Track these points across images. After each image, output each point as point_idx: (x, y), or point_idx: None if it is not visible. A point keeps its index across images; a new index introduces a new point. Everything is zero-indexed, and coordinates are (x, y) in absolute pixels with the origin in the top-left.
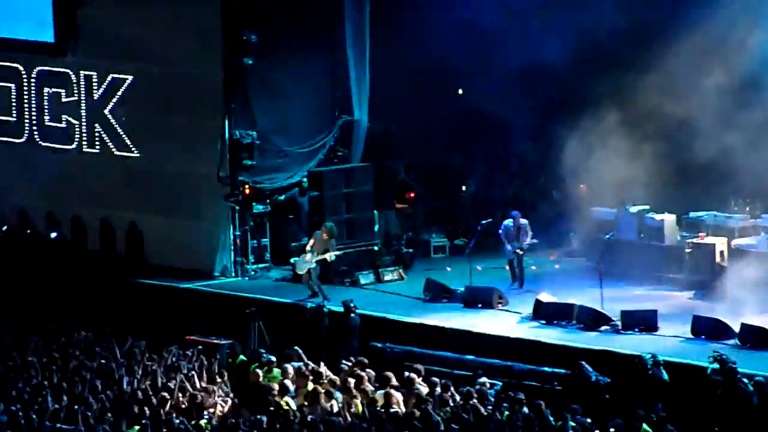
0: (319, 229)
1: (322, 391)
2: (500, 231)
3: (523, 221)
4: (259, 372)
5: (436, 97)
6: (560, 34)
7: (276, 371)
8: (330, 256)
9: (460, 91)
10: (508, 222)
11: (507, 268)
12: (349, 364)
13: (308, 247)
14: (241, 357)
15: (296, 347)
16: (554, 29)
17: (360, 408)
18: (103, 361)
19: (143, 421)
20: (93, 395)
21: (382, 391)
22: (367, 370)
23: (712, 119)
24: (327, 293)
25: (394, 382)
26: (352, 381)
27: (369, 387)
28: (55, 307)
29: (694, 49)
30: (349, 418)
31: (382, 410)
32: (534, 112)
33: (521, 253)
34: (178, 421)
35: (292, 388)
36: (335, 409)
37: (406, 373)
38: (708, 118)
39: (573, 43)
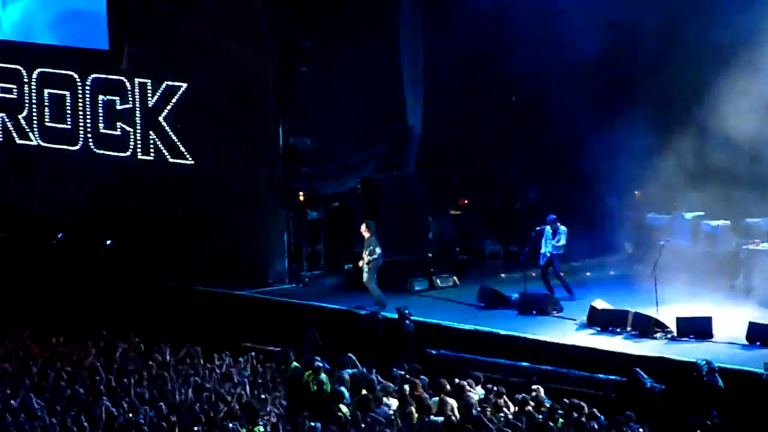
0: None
1: (376, 398)
2: (532, 234)
3: (562, 227)
4: (313, 379)
5: (490, 103)
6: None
7: (331, 378)
8: (361, 262)
9: (514, 98)
10: (547, 225)
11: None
12: (402, 372)
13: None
14: (295, 364)
15: (350, 354)
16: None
17: (414, 415)
18: (156, 368)
19: (195, 429)
20: (147, 402)
21: (436, 398)
22: (421, 377)
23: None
24: (385, 301)
25: (449, 388)
26: (406, 388)
27: (423, 394)
28: (109, 313)
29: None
30: (403, 426)
31: (437, 417)
32: (588, 116)
33: (549, 256)
34: (231, 425)
35: (346, 394)
36: (388, 416)
37: (457, 380)
38: (765, 122)
39: (627, 44)
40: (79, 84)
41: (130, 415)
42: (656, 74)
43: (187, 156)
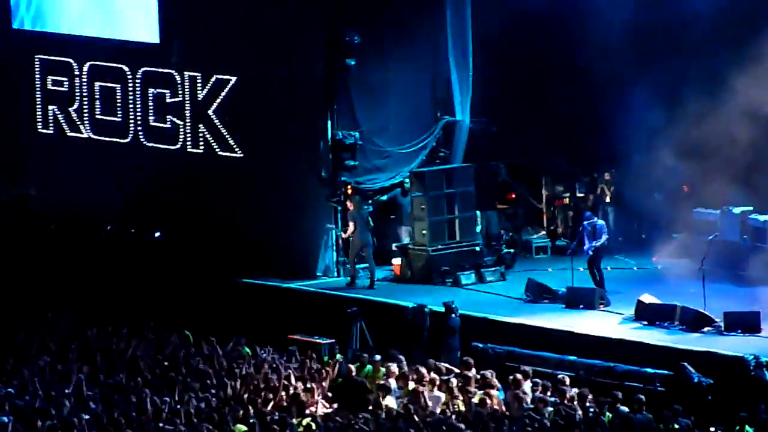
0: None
1: (425, 391)
2: (579, 229)
3: (600, 222)
4: (361, 371)
5: (538, 97)
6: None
7: (378, 371)
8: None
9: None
10: (585, 222)
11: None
12: (446, 365)
13: None
14: (342, 356)
15: (397, 349)
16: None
17: (462, 408)
18: (204, 360)
19: (250, 420)
20: (195, 395)
21: (481, 392)
22: (472, 370)
23: None
24: (430, 293)
25: (495, 382)
26: (454, 381)
27: (471, 388)
28: (157, 306)
29: None
30: (452, 418)
31: (484, 410)
32: (636, 112)
33: (591, 254)
34: (279, 416)
35: (394, 387)
36: (437, 409)
37: (511, 376)
38: None
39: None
40: (129, 77)
41: (178, 406)
42: (708, 62)
43: (236, 149)
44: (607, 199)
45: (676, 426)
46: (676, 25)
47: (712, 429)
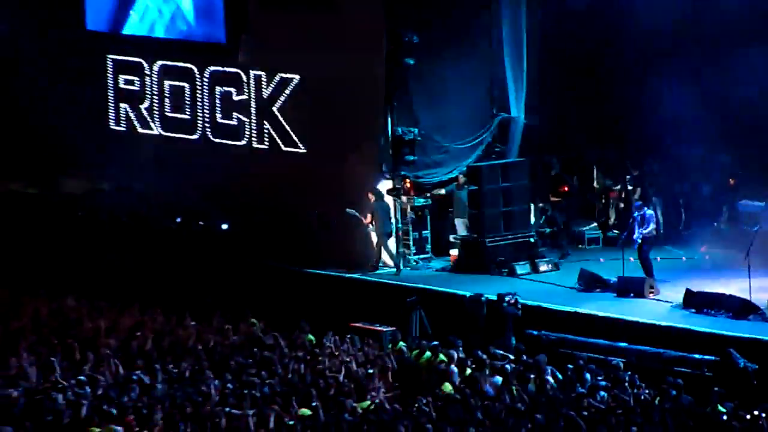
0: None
1: (483, 376)
2: (629, 221)
3: (649, 212)
4: (420, 358)
5: (589, 93)
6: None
7: (436, 357)
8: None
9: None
10: (642, 213)
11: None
12: (502, 351)
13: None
14: (403, 343)
15: (456, 336)
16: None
17: (515, 393)
18: (268, 348)
19: (313, 404)
20: (261, 380)
21: (535, 377)
22: (524, 356)
23: None
24: (486, 282)
25: (549, 368)
26: (509, 367)
27: (526, 373)
28: (225, 295)
29: None
30: (507, 402)
31: (539, 395)
32: (683, 106)
33: (640, 242)
34: (341, 400)
35: (456, 372)
36: (493, 393)
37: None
38: None
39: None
40: (197, 76)
41: (245, 391)
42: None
43: (300, 145)
44: (655, 191)
45: (722, 408)
46: (716, 23)
47: (756, 412)
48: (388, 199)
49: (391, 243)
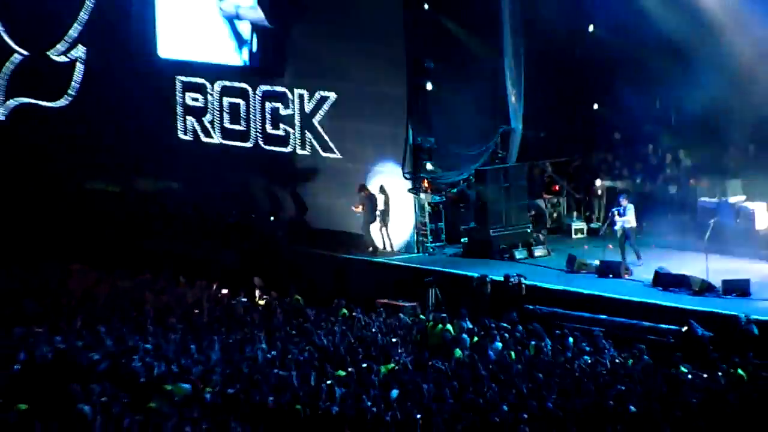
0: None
1: (486, 343)
2: (609, 214)
3: (629, 206)
4: (435, 328)
5: (578, 107)
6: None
7: (449, 327)
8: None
9: (596, 106)
10: (620, 207)
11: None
12: (504, 323)
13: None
14: (422, 316)
15: (465, 309)
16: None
17: (514, 356)
18: (309, 320)
19: (349, 369)
20: (301, 349)
21: (534, 342)
22: (519, 327)
23: None
24: (491, 265)
25: (543, 336)
26: (506, 335)
27: (524, 340)
28: (273, 277)
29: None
30: (509, 364)
31: (535, 358)
32: (651, 123)
33: (625, 229)
34: (368, 364)
35: (467, 340)
36: (494, 357)
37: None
38: None
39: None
40: (251, 94)
41: (289, 356)
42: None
43: (336, 151)
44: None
45: (683, 369)
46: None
47: (718, 374)
48: (379, 195)
49: (374, 228)
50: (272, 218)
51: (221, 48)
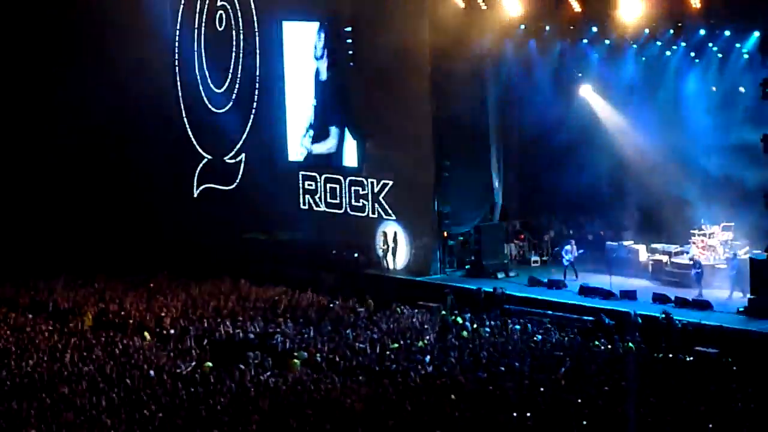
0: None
1: (481, 328)
2: (563, 250)
3: (568, 248)
4: (453, 319)
5: (531, 186)
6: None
7: (459, 319)
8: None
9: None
10: (567, 245)
11: (565, 272)
12: (492, 316)
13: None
14: (443, 312)
15: (468, 308)
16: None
17: (496, 337)
18: (373, 317)
19: (394, 345)
20: (365, 337)
21: (510, 327)
22: (500, 319)
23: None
24: (484, 283)
25: (512, 322)
26: (493, 323)
27: (512, 328)
28: (352, 287)
29: None
30: (494, 341)
31: (508, 338)
32: (578, 198)
33: (572, 260)
34: (410, 341)
35: (469, 327)
36: (486, 336)
37: (520, 319)
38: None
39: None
40: (342, 182)
41: (365, 336)
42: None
43: (391, 213)
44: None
45: (597, 343)
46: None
47: (616, 346)
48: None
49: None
50: (356, 255)
51: (320, 147)
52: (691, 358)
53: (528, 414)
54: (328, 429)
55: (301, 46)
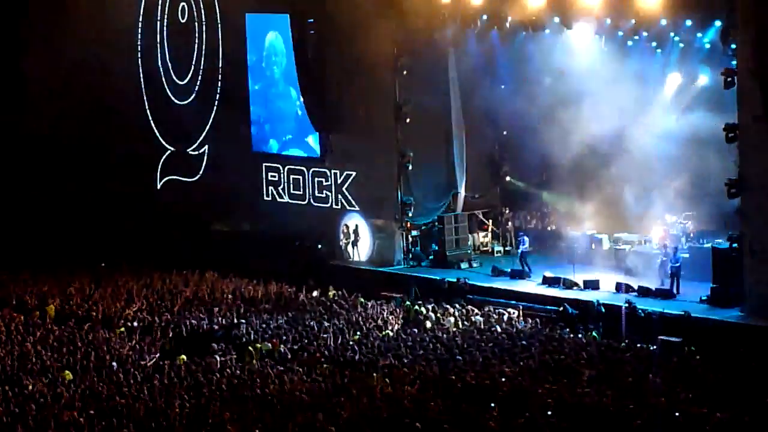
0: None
1: (444, 319)
2: (519, 241)
3: (525, 239)
4: (415, 309)
5: (495, 177)
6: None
7: (422, 309)
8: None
9: (508, 178)
10: (522, 237)
11: (519, 261)
12: (455, 308)
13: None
14: (408, 303)
15: (432, 298)
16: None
17: (460, 326)
18: (344, 308)
19: (357, 335)
20: (335, 321)
21: (472, 317)
22: (464, 308)
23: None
24: (448, 273)
25: (476, 313)
26: (457, 314)
27: (467, 318)
28: (321, 282)
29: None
30: (456, 333)
31: (470, 328)
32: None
33: (524, 252)
34: (374, 328)
35: (432, 317)
36: (453, 329)
37: (486, 308)
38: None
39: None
40: (306, 173)
41: (329, 325)
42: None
43: (354, 204)
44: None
45: (559, 331)
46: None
47: (580, 335)
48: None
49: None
50: (319, 246)
51: (291, 143)
52: (655, 347)
53: (492, 404)
54: (291, 420)
55: (264, 38)
